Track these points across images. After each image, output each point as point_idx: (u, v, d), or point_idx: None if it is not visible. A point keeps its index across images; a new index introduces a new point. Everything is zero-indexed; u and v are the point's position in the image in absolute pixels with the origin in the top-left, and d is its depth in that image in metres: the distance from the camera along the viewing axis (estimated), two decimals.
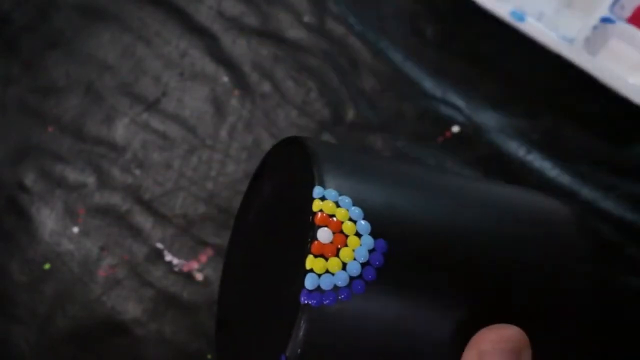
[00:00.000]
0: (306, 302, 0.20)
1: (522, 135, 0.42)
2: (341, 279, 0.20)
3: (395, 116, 0.44)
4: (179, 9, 0.48)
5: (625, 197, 0.40)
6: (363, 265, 0.21)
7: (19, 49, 0.48)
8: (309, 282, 0.20)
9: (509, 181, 0.42)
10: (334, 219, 0.21)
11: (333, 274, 0.20)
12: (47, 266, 0.44)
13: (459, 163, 0.42)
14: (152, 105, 0.46)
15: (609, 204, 0.40)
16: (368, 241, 0.21)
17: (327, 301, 0.20)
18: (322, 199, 0.21)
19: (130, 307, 0.43)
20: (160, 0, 0.48)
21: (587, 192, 0.41)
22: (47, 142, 0.46)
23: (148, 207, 0.44)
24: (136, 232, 0.44)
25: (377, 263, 0.21)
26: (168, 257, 0.43)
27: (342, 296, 0.20)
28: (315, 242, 0.20)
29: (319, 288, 0.20)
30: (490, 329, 0.20)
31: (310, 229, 0.21)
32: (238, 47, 0.47)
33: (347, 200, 0.21)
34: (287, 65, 0.46)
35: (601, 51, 0.42)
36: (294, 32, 0.46)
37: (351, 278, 0.20)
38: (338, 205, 0.21)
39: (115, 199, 0.45)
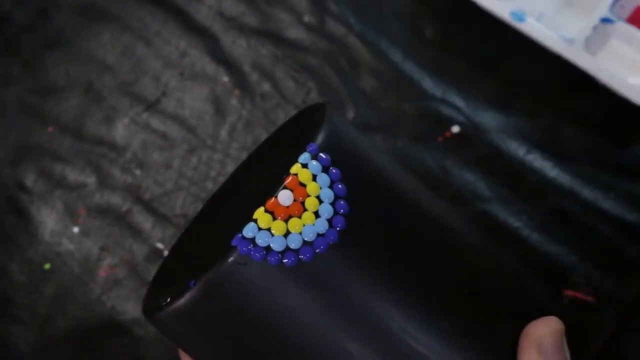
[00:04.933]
0: (235, 245, 0.20)
1: (522, 135, 0.42)
2: (278, 244, 0.20)
3: (395, 116, 0.44)
4: (179, 9, 0.48)
5: (625, 197, 0.40)
6: (306, 242, 0.20)
7: (19, 49, 0.48)
8: (247, 230, 0.20)
9: (509, 181, 0.42)
10: (304, 188, 0.21)
11: (272, 235, 0.20)
12: (47, 266, 0.44)
13: (459, 163, 0.42)
14: (152, 105, 0.46)
15: (609, 204, 0.40)
16: (322, 224, 0.21)
17: (255, 255, 0.20)
18: (305, 166, 0.21)
19: (130, 307, 0.43)
20: (160, 0, 0.48)
21: (587, 192, 0.41)
22: (47, 142, 0.46)
23: (148, 207, 0.44)
24: (136, 232, 0.44)
25: (319, 248, 0.20)
26: None
27: (271, 259, 0.20)
28: (273, 199, 0.20)
29: (253, 240, 0.20)
30: (540, 322, 0.22)
31: (277, 185, 0.21)
32: (238, 47, 0.47)
33: (325, 179, 0.21)
34: (287, 65, 0.46)
35: (601, 51, 0.42)
36: (294, 32, 0.46)
37: (287, 248, 0.20)
38: (314, 179, 0.21)
39: (115, 199, 0.45)
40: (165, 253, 0.43)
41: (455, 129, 0.43)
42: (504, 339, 0.23)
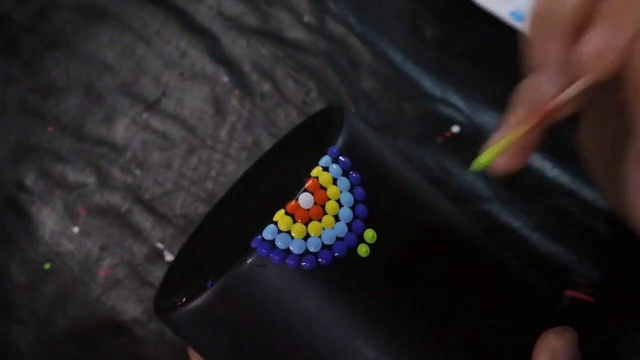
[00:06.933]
0: (255, 247, 0.20)
1: None
2: (297, 247, 0.20)
3: (395, 116, 0.44)
4: (179, 9, 0.48)
5: None
6: (325, 246, 0.20)
7: (19, 49, 0.48)
8: (267, 232, 0.20)
9: (509, 181, 0.42)
10: (325, 192, 0.21)
11: (292, 238, 0.20)
12: (47, 266, 0.44)
13: (459, 163, 0.42)
14: (152, 105, 0.46)
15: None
16: (342, 228, 0.21)
17: (275, 258, 0.20)
18: (325, 169, 0.21)
19: (130, 307, 0.43)
20: (160, 0, 0.48)
21: (587, 192, 0.41)
22: (47, 142, 0.46)
23: (148, 207, 0.44)
24: (136, 232, 0.44)
25: (337, 252, 0.20)
26: (168, 257, 0.43)
27: (290, 262, 0.20)
28: (294, 202, 0.20)
29: (273, 242, 0.20)
30: (555, 331, 0.23)
31: (297, 188, 0.21)
32: (238, 47, 0.47)
33: (346, 183, 0.21)
34: (287, 65, 0.46)
35: None
36: (294, 32, 0.46)
37: (307, 251, 0.20)
38: (335, 183, 0.21)
39: (115, 199, 0.45)
40: (166, 253, 0.43)
41: (455, 129, 0.43)
42: (511, 340, 0.23)
